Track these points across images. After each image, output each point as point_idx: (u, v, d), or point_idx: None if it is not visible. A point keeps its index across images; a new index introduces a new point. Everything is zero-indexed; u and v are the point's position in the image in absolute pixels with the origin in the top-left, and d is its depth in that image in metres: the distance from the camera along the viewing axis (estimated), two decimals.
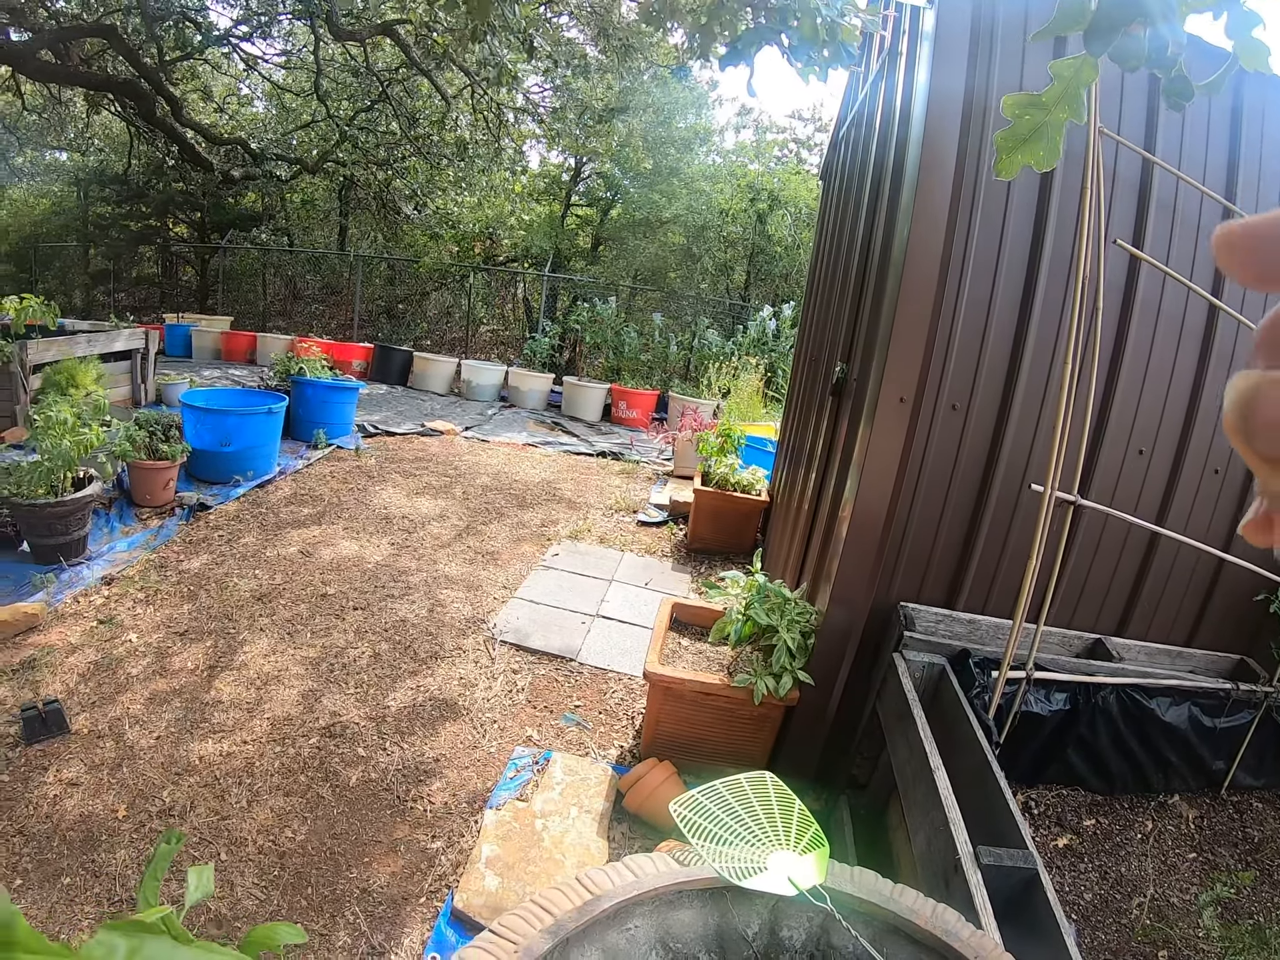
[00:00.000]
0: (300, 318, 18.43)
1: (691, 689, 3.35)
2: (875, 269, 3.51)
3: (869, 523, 3.09)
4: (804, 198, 14.72)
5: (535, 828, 3.01)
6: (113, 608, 4.61)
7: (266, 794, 3.24)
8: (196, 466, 6.69)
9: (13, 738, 3.41)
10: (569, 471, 8.88)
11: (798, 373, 6.04)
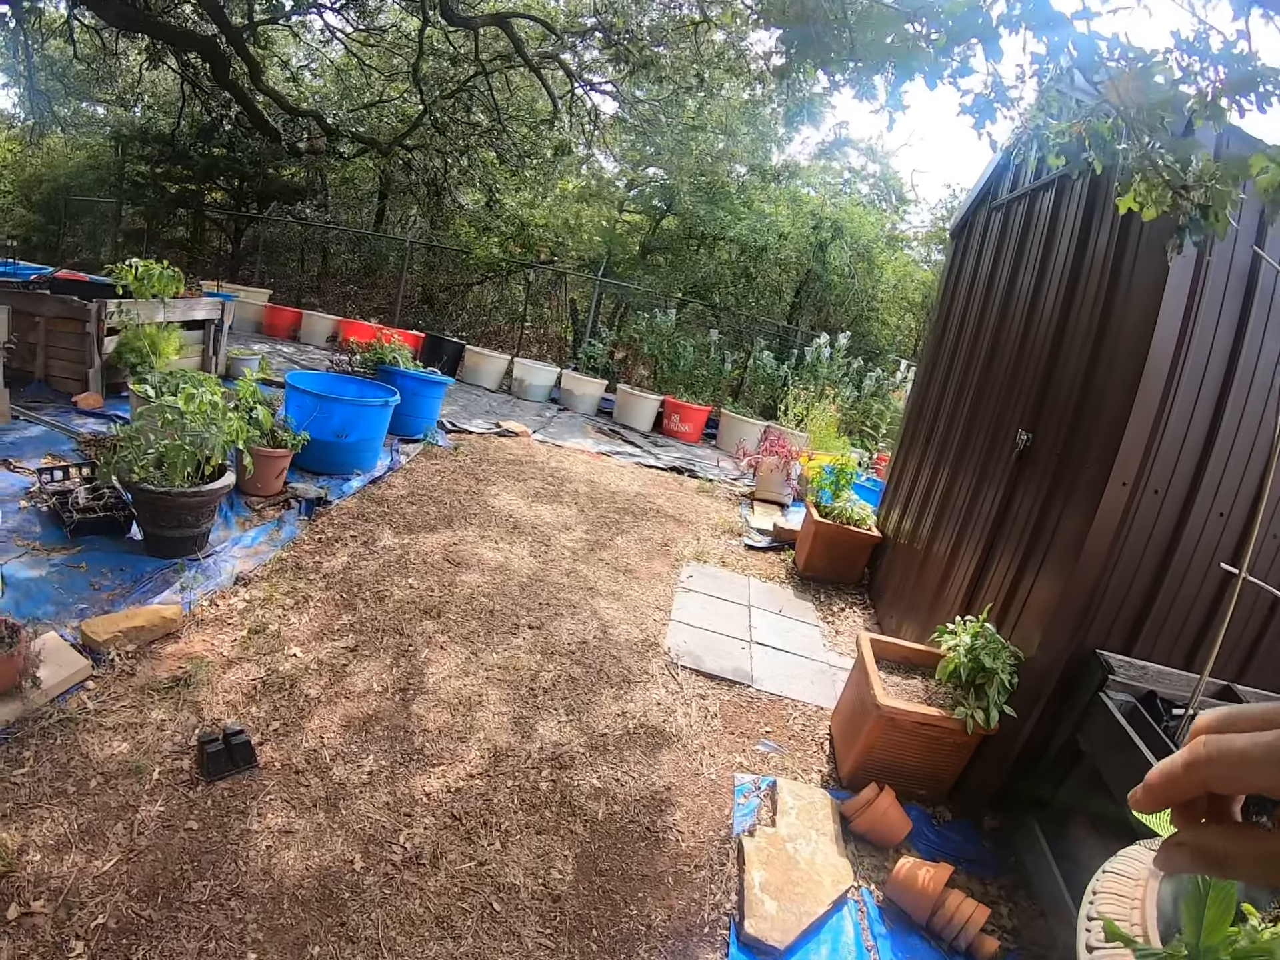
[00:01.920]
0: (333, 296, 18.37)
1: (913, 719, 3.73)
2: (1086, 356, 3.89)
3: (1081, 586, 3.54)
4: (866, 232, 15.08)
5: (788, 851, 3.33)
6: (260, 614, 4.36)
7: (517, 833, 3.18)
8: (306, 457, 6.27)
9: (188, 774, 3.09)
10: (654, 485, 9.14)
11: (924, 424, 6.43)
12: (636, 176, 16.86)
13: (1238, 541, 3.61)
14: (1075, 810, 3.39)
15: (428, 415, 8.76)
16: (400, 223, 20.40)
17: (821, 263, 14.93)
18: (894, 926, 3.17)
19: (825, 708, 4.73)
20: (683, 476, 10.02)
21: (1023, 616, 3.90)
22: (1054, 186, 4.65)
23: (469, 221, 17.10)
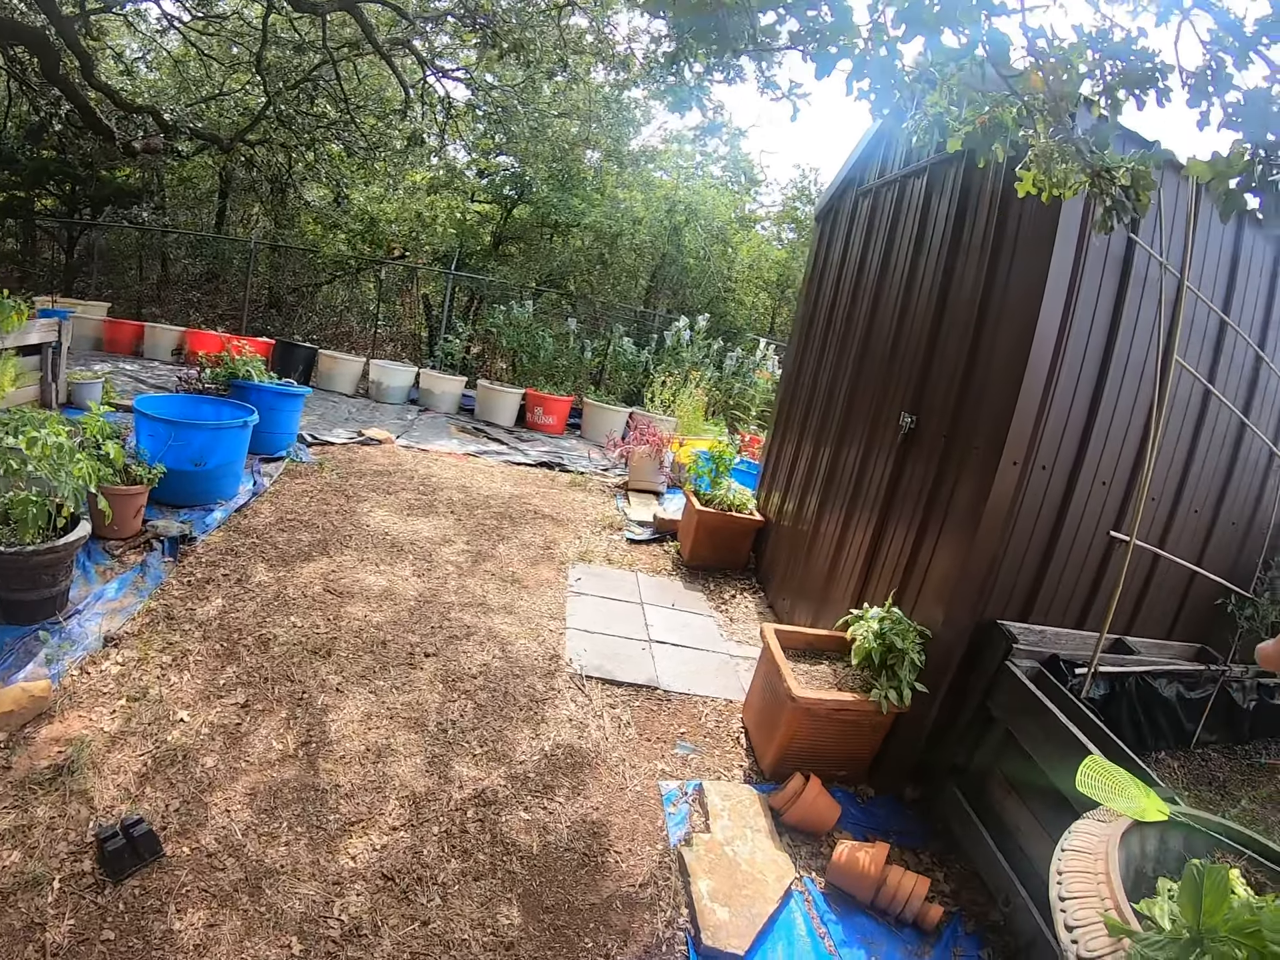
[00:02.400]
0: (176, 305, 17.13)
1: (829, 706, 3.81)
2: (967, 341, 4.04)
3: (981, 561, 3.70)
4: (720, 214, 15.26)
5: (728, 855, 3.33)
6: (138, 678, 3.95)
7: (455, 884, 3.04)
8: (163, 489, 5.73)
9: (92, 876, 2.78)
10: (526, 484, 8.99)
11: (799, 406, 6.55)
12: (488, 165, 16.48)
13: (1119, 508, 3.88)
14: (992, 772, 3.56)
15: (288, 430, 8.24)
16: (242, 223, 19.26)
17: (677, 246, 15.04)
18: (840, 910, 3.23)
19: (734, 700, 4.75)
20: (553, 472, 9.90)
21: (923, 594, 4.03)
22: (925, 173, 4.78)
23: (315, 219, 16.33)
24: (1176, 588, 4.39)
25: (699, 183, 16.36)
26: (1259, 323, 4.15)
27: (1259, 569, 4.54)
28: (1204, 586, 4.41)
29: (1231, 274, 3.95)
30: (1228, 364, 4.05)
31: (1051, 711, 3.19)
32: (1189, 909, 1.62)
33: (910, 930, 3.19)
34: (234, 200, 18.80)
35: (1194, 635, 4.50)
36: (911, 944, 3.13)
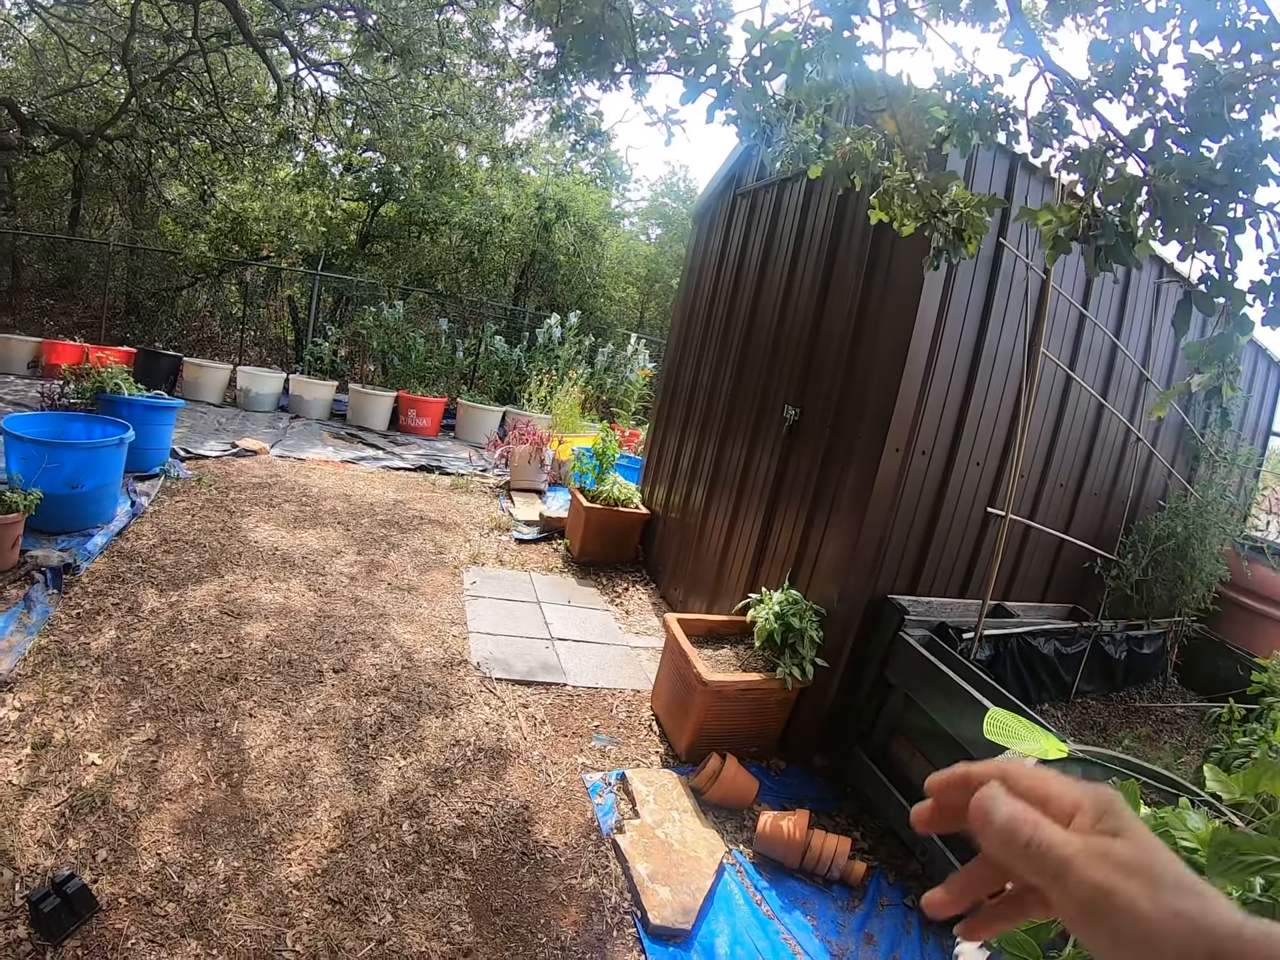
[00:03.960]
0: (28, 314, 15.88)
1: (737, 687, 4.03)
2: (848, 338, 4.31)
3: (869, 541, 3.99)
4: (590, 210, 15.32)
5: (660, 837, 3.49)
6: (39, 722, 3.74)
7: (403, 898, 3.05)
8: (37, 516, 5.35)
9: (29, 942, 2.60)
10: (408, 489, 8.90)
11: (681, 401, 6.77)
12: (354, 160, 16.04)
13: (993, 485, 4.27)
14: (895, 734, 3.88)
15: (161, 445, 7.87)
16: (97, 223, 17.96)
17: (546, 243, 15.04)
18: (772, 876, 3.47)
19: (641, 690, 4.93)
20: (433, 475, 9.84)
21: (816, 575, 4.29)
22: (803, 179, 5.01)
23: (175, 218, 15.46)
24: (1048, 554, 4.85)
25: (568, 179, 16.43)
26: (1114, 314, 4.60)
27: (1121, 533, 5.04)
28: (1073, 552, 4.90)
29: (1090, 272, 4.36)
30: (1087, 352, 4.48)
31: (945, 674, 3.50)
32: None
33: (838, 887, 3.45)
34: (88, 200, 17.51)
35: (1066, 596, 5.03)
36: (841, 900, 3.39)
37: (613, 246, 17.00)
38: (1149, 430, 5.09)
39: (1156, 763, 2.65)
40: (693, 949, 3.02)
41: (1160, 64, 2.24)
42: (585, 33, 2.87)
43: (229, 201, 13.60)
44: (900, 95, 2.48)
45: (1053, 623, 4.81)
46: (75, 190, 16.90)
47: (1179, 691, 5.54)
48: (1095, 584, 5.00)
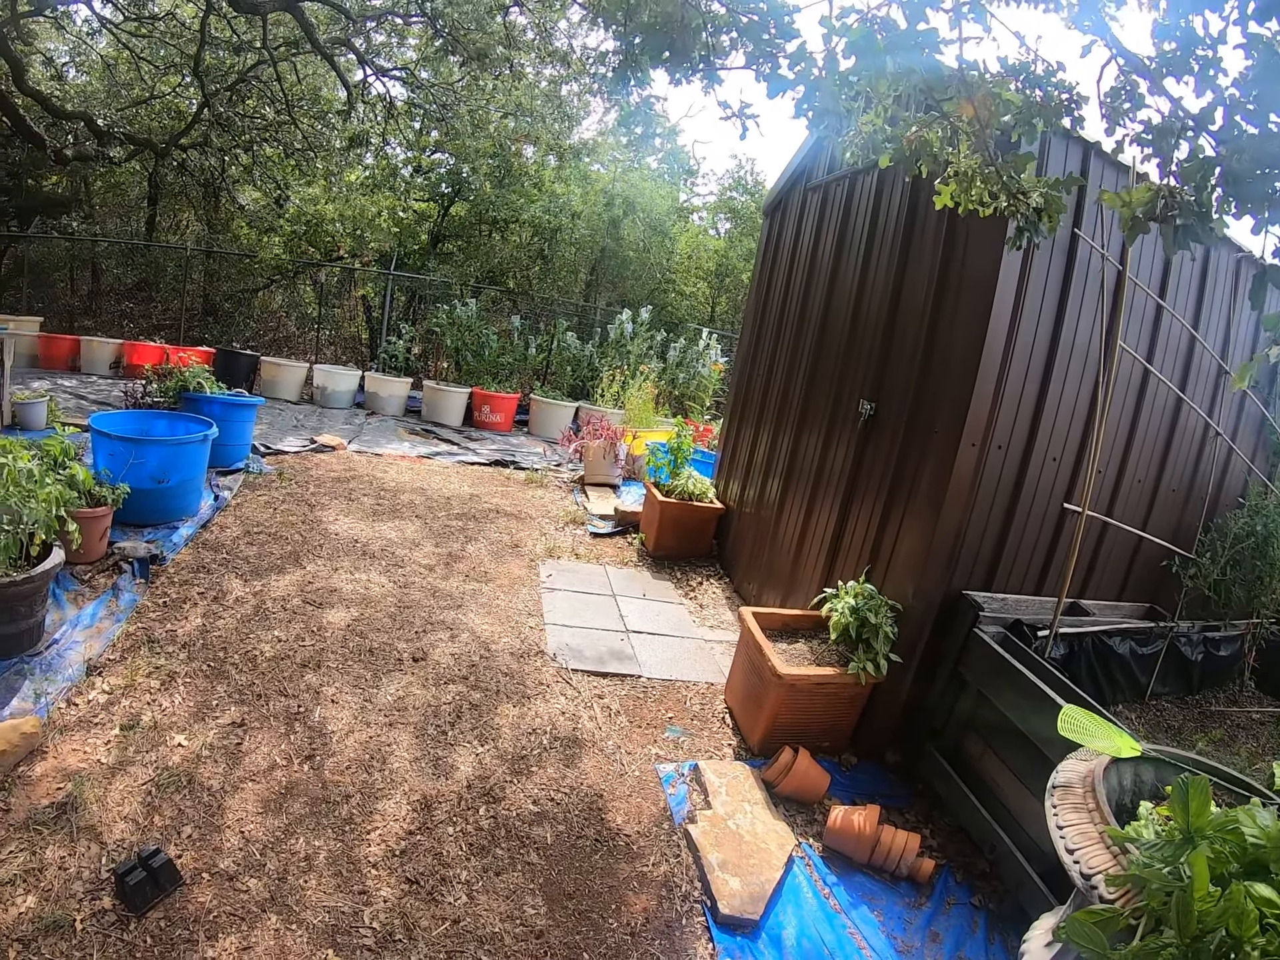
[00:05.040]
0: (109, 317, 16.55)
1: (811, 681, 4.04)
2: (923, 331, 4.27)
3: (946, 537, 3.96)
4: (658, 205, 15.35)
5: (731, 828, 3.52)
6: (127, 705, 3.90)
7: (478, 880, 3.11)
8: (124, 510, 5.58)
9: (114, 913, 2.73)
10: (483, 483, 9.06)
11: (755, 396, 6.78)
12: (423, 162, 16.35)
13: (1069, 481, 4.18)
14: (968, 732, 3.83)
15: (243, 441, 8.15)
16: (173, 229, 18.70)
17: (616, 239, 15.10)
18: (840, 871, 3.46)
19: (715, 683, 4.95)
20: (507, 470, 9.98)
21: (892, 570, 4.27)
22: (875, 170, 4.98)
23: (249, 223, 16.00)
24: (1125, 552, 4.72)
25: (636, 175, 16.45)
26: (1192, 305, 4.47)
27: (1199, 531, 4.89)
28: (1150, 550, 4.76)
29: (1166, 262, 4.24)
30: (1164, 344, 4.36)
31: (1020, 672, 3.45)
32: (1180, 814, 1.88)
33: (906, 884, 3.43)
34: (164, 206, 18.20)
35: (1143, 595, 4.87)
36: (909, 896, 3.37)
37: (682, 241, 16.99)
38: (1228, 425, 4.92)
39: (1230, 766, 2.60)
40: (760, 939, 3.04)
41: (1220, 44, 2.20)
42: (656, 29, 2.90)
43: (302, 205, 13.94)
44: (974, 82, 2.47)
45: (1129, 622, 4.69)
46: (151, 198, 17.53)
47: (1255, 696, 5.35)
48: (1172, 583, 4.86)
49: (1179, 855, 1.81)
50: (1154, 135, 2.37)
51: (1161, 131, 2.33)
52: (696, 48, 2.96)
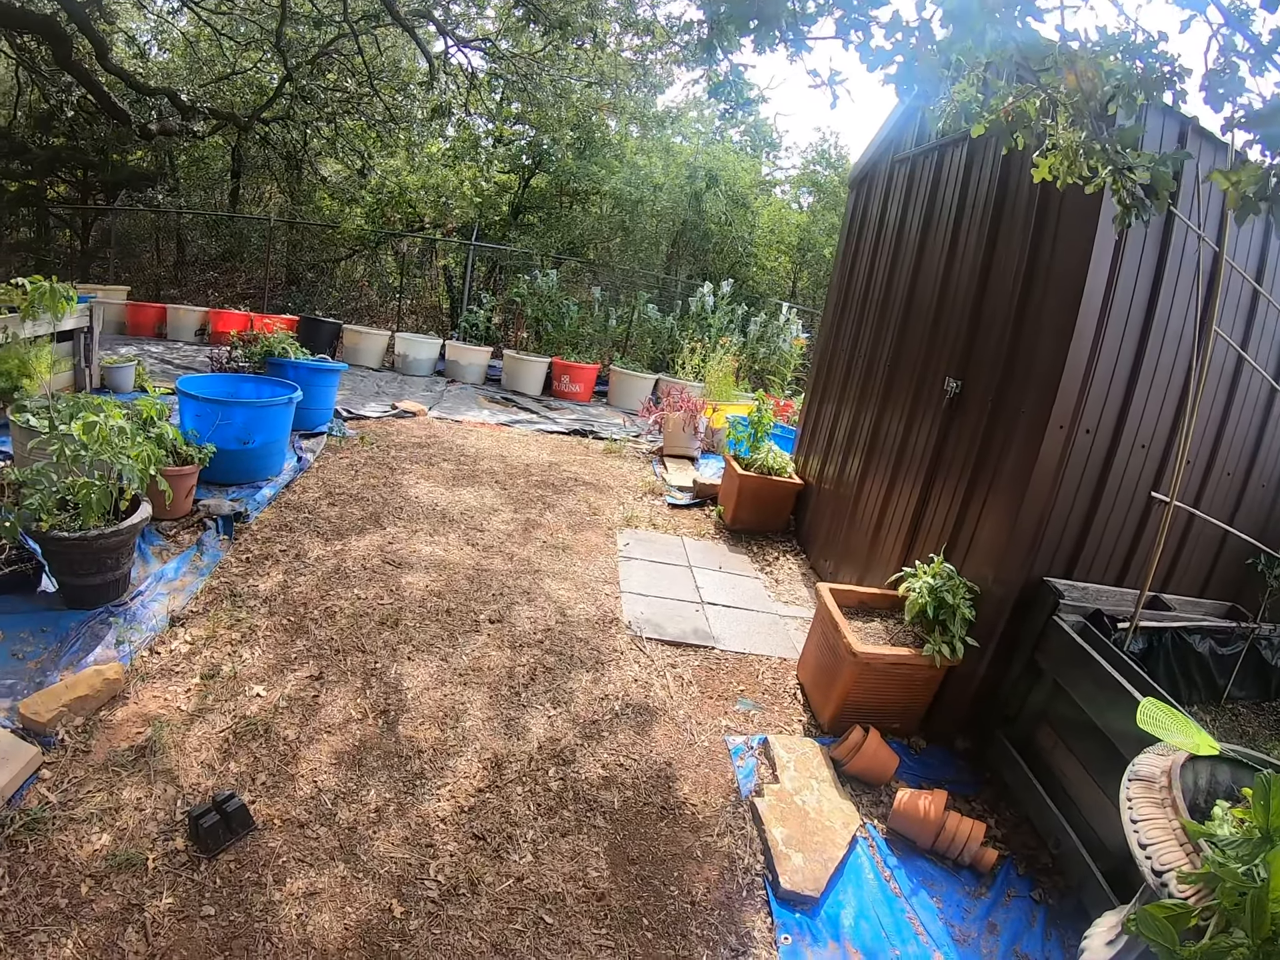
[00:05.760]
0: (193, 286, 17.24)
1: (886, 661, 4.00)
2: (1013, 309, 4.15)
3: (1029, 521, 3.87)
4: (741, 178, 15.21)
5: (797, 804, 3.54)
6: (208, 655, 4.04)
7: (544, 840, 3.17)
8: (209, 469, 5.82)
9: (186, 854, 2.84)
10: (562, 452, 9.15)
11: (838, 371, 6.70)
12: (504, 133, 16.46)
13: (1157, 470, 4.05)
14: (1040, 722, 3.76)
15: (326, 406, 8.39)
16: (255, 201, 19.31)
17: (698, 211, 15.01)
18: (902, 854, 3.45)
19: (787, 658, 4.96)
20: (586, 439, 10.06)
21: (972, 553, 4.20)
22: (965, 143, 4.85)
23: (331, 194, 16.38)
24: (1210, 547, 4.53)
25: (719, 148, 16.30)
26: None
27: None
28: (1235, 546, 4.55)
29: (1264, 246, 4.04)
30: (1260, 332, 4.16)
31: (1099, 663, 3.38)
32: (1259, 812, 1.84)
33: (967, 872, 3.40)
34: (247, 179, 18.77)
35: (1225, 594, 4.67)
36: (969, 885, 3.34)
37: (764, 215, 16.77)
38: None
39: None
40: (818, 918, 3.05)
41: None
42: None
43: (384, 176, 14.16)
44: (1076, 53, 2.38)
45: (1210, 620, 4.51)
46: (234, 171, 18.11)
47: None
48: (1257, 582, 4.64)
49: (1256, 854, 1.77)
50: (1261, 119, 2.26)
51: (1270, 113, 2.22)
52: (783, 15, 2.90)
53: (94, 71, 11.18)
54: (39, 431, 4.77)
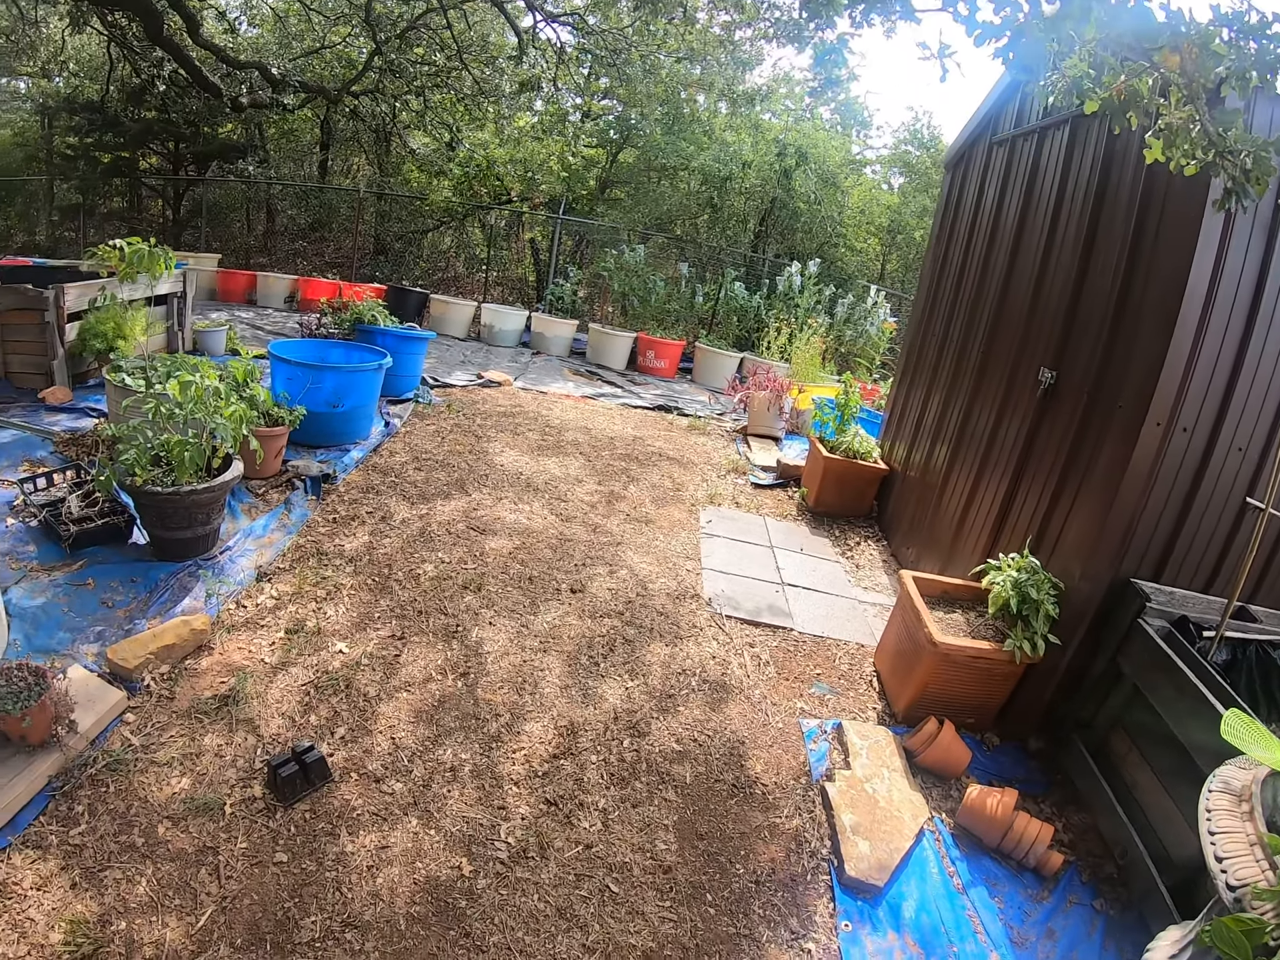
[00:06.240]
0: (282, 255, 17.83)
1: (966, 654, 3.96)
2: (1113, 300, 4.04)
3: (1120, 518, 3.77)
4: (831, 157, 14.96)
5: (868, 791, 3.55)
6: (293, 610, 4.17)
7: (614, 809, 3.21)
8: (299, 431, 5.96)
9: (262, 801, 2.94)
10: (646, 427, 9.22)
11: (928, 357, 6.60)
12: (592, 108, 16.49)
13: (1253, 475, 3.88)
14: (1116, 727, 3.68)
15: (413, 373, 8.59)
16: (344, 173, 19.80)
17: (787, 190, 14.81)
18: (968, 851, 3.43)
19: (865, 645, 4.95)
20: (670, 415, 10.10)
21: (1059, 549, 4.13)
22: (1067, 125, 4.71)
23: (419, 166, 16.65)
24: None
25: (808, 125, 16.02)
26: None
27: None
28: None
29: None
30: None
31: (1182, 671, 3.28)
32: None
33: (1031, 875, 3.36)
34: (335, 151, 19.23)
35: None
36: (1031, 888, 3.29)
37: (854, 195, 16.48)
38: None
39: None
40: (880, 907, 3.06)
41: None
42: None
43: (472, 149, 14.30)
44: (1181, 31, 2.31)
45: None
46: (323, 143, 18.62)
47: None
48: None
49: None
50: None
51: None
52: None
53: (185, 47, 11.53)
54: (134, 390, 5.04)
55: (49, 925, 2.41)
